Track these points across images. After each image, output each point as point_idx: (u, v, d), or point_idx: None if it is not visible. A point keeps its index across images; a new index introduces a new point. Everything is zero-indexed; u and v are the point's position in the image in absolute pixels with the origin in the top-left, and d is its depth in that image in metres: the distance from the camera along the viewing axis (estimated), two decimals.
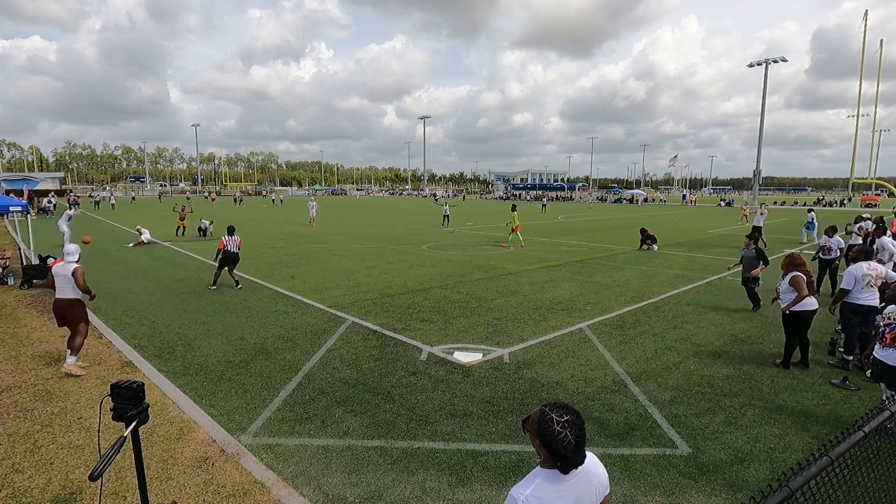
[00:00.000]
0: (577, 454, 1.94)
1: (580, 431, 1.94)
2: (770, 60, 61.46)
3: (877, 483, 2.77)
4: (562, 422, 1.94)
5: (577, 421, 1.96)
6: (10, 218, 22.86)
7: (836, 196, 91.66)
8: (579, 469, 2.00)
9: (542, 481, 1.99)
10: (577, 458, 1.96)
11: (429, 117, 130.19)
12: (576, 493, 2.01)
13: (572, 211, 51.00)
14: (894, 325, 5.06)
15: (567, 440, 1.91)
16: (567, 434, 1.92)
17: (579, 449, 1.94)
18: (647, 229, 19.92)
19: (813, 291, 6.91)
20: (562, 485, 1.98)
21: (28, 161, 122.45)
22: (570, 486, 2.00)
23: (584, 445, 1.96)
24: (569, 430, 1.92)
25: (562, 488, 1.98)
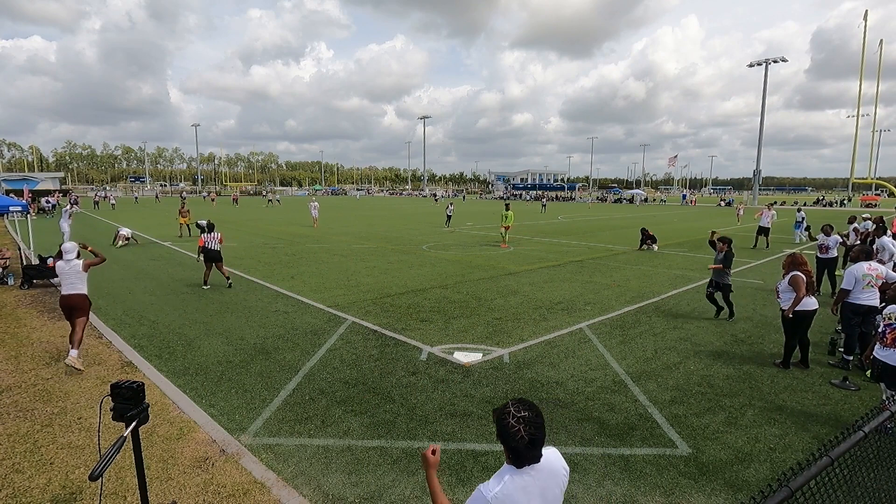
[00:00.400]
0: (530, 451, 2.00)
1: (536, 429, 1.99)
2: (770, 60, 61.49)
3: (877, 483, 2.77)
4: (518, 417, 2.01)
5: (536, 420, 2.01)
6: (10, 218, 22.85)
7: (836, 196, 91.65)
8: (540, 466, 2.07)
9: (510, 477, 2.05)
10: (529, 455, 2.02)
11: (429, 117, 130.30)
12: (540, 488, 2.08)
13: (572, 211, 51.01)
14: (895, 325, 5.06)
15: (520, 435, 1.98)
16: (521, 429, 1.98)
17: (532, 446, 1.99)
18: (647, 229, 19.93)
19: (813, 291, 6.91)
20: (527, 480, 2.05)
21: (28, 161, 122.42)
22: (535, 481, 2.07)
23: (539, 444, 2.01)
24: (523, 425, 1.98)
25: (527, 483, 2.05)
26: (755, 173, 65.94)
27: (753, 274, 14.41)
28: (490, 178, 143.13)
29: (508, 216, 20.46)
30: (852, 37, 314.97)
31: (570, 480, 4.39)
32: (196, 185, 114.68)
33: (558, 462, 2.19)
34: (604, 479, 4.34)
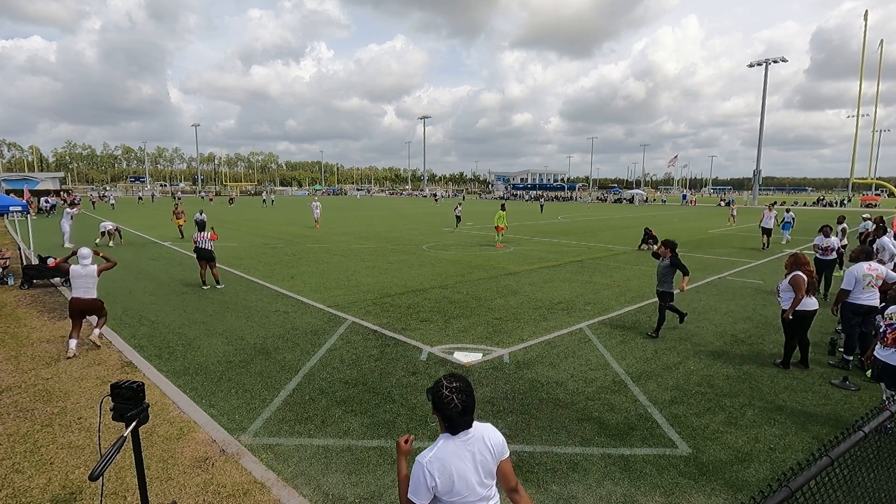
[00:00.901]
0: (462, 417, 2.29)
1: (467, 398, 2.28)
2: (770, 60, 61.46)
3: (877, 483, 2.77)
4: (451, 387, 2.28)
5: (466, 389, 2.30)
6: (10, 218, 22.85)
7: (836, 196, 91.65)
8: (471, 432, 2.35)
9: (443, 444, 2.32)
10: (462, 421, 2.30)
11: (429, 117, 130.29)
12: (472, 452, 2.34)
13: (572, 211, 51.01)
14: (895, 325, 5.06)
15: (454, 403, 2.25)
16: (454, 398, 2.25)
17: (465, 413, 2.28)
18: (651, 230, 19.91)
19: (814, 292, 6.90)
20: (460, 445, 2.32)
21: (28, 161, 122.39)
22: (467, 446, 2.33)
23: (470, 410, 2.30)
24: (455, 394, 2.26)
25: (459, 447, 2.31)
26: (755, 173, 65.94)
27: (753, 274, 14.41)
28: (490, 178, 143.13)
29: (501, 216, 20.54)
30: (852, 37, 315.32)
31: (570, 481, 4.40)
32: (196, 185, 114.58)
33: (494, 435, 2.43)
34: (604, 479, 4.34)
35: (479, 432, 2.39)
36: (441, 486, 2.25)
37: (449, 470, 2.26)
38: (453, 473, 2.27)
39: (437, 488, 2.25)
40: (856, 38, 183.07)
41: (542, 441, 4.98)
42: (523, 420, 5.42)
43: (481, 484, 2.35)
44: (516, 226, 30.44)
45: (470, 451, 2.33)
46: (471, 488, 2.31)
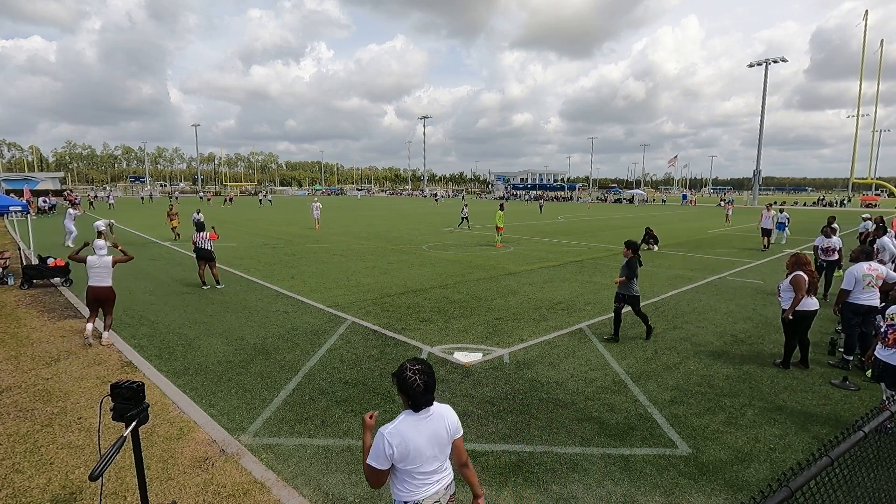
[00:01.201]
0: (424, 396, 2.54)
1: (428, 378, 2.54)
2: (770, 60, 61.46)
3: (877, 483, 2.77)
4: (413, 369, 2.54)
5: (427, 370, 2.56)
6: (10, 218, 22.85)
7: (836, 196, 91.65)
8: (431, 411, 2.60)
9: (404, 419, 2.57)
10: (424, 400, 2.55)
11: (429, 117, 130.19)
12: (431, 429, 2.59)
13: (572, 211, 51.01)
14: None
15: (416, 383, 2.51)
16: (416, 378, 2.52)
17: (426, 392, 2.53)
18: (652, 230, 19.91)
19: (814, 292, 6.90)
20: (419, 421, 2.57)
21: (28, 161, 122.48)
22: (426, 423, 2.58)
23: (431, 389, 2.56)
24: (418, 375, 2.52)
25: (419, 424, 2.56)
26: (755, 173, 65.94)
27: (753, 274, 14.41)
28: (490, 178, 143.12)
29: (500, 216, 20.57)
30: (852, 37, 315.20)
31: (570, 481, 4.40)
32: (196, 184, 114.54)
33: (451, 416, 2.71)
34: (604, 479, 4.34)
35: (439, 412, 2.66)
36: (398, 454, 2.51)
37: (406, 441, 2.51)
38: (409, 445, 2.52)
39: (394, 456, 2.51)
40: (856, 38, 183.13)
41: (542, 441, 4.98)
42: (523, 420, 5.42)
43: (434, 457, 2.61)
44: (516, 226, 30.44)
45: (428, 427, 2.59)
46: (424, 459, 2.57)
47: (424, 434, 2.56)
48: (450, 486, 2.74)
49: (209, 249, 11.84)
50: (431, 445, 2.58)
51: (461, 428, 2.75)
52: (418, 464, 2.56)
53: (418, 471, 2.57)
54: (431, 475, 2.62)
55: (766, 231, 20.18)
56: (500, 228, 20.54)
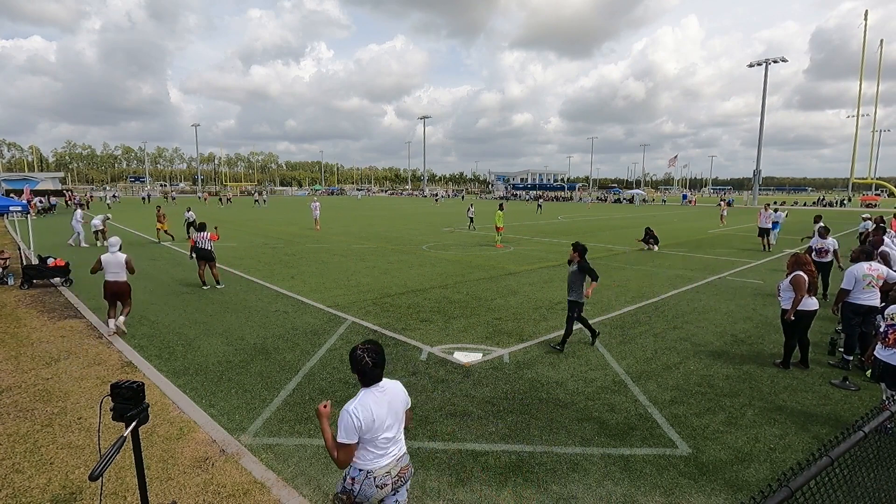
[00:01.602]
0: (372, 372, 2.88)
1: (376, 356, 2.88)
2: (770, 60, 61.43)
3: (877, 483, 2.77)
4: (364, 349, 2.89)
5: (376, 349, 2.91)
6: (10, 218, 22.86)
7: (836, 196, 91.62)
8: (385, 385, 2.97)
9: (364, 394, 2.91)
10: (373, 375, 2.90)
11: (429, 117, 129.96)
12: (388, 401, 2.95)
13: (571, 211, 51.01)
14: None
15: (364, 361, 2.86)
16: (365, 356, 2.86)
17: (375, 368, 2.87)
18: (652, 230, 19.92)
19: (814, 292, 6.89)
20: (376, 394, 2.91)
21: (28, 161, 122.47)
22: (383, 396, 2.94)
23: (379, 366, 2.90)
24: (366, 354, 2.87)
25: (377, 397, 2.91)
26: (755, 173, 65.92)
27: (753, 274, 14.41)
28: (490, 178, 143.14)
29: (499, 216, 20.58)
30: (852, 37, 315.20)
31: (570, 481, 4.40)
32: (196, 184, 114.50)
33: (402, 389, 3.10)
34: (604, 479, 4.34)
35: (393, 387, 3.04)
36: (364, 425, 2.82)
37: (369, 413, 2.84)
38: (373, 415, 2.85)
39: (362, 427, 2.82)
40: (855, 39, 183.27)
41: (542, 441, 4.98)
42: (523, 420, 5.42)
43: (391, 426, 2.97)
44: (516, 226, 30.45)
45: (386, 399, 2.95)
46: (386, 427, 2.92)
47: (384, 405, 2.92)
48: (402, 457, 3.07)
49: (209, 249, 11.84)
50: (390, 414, 2.95)
51: (409, 399, 3.17)
52: (381, 432, 2.89)
53: (380, 438, 2.89)
54: (389, 443, 2.95)
55: (764, 231, 20.07)
56: (499, 228, 20.56)
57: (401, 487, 3.06)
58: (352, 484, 2.91)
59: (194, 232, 12.19)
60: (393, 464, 2.97)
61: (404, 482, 3.07)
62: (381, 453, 2.92)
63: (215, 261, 12.06)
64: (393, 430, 2.96)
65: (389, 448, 2.95)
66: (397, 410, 3.00)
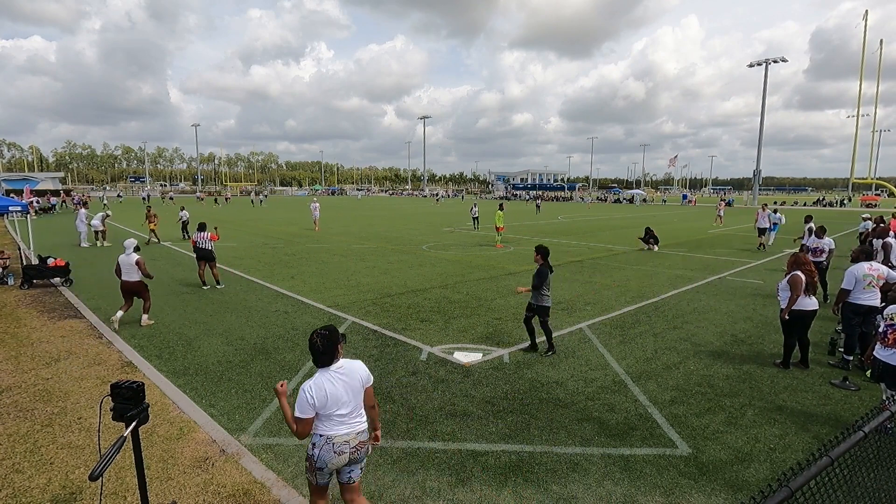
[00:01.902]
0: (322, 356, 3.16)
1: (326, 341, 3.15)
2: (770, 60, 61.43)
3: (877, 483, 2.77)
4: (317, 333, 3.18)
5: (328, 336, 3.17)
6: (10, 218, 22.86)
7: (835, 196, 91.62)
8: (343, 365, 3.24)
9: (319, 374, 3.20)
10: (322, 359, 3.17)
11: (429, 117, 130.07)
12: (344, 380, 3.21)
13: (571, 211, 51.00)
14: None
15: (316, 344, 3.15)
16: (317, 340, 3.15)
17: (324, 351, 3.15)
18: (652, 230, 19.92)
19: (813, 292, 6.89)
20: (332, 374, 3.19)
21: (28, 161, 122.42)
22: (339, 375, 3.20)
23: (328, 352, 3.16)
24: (318, 339, 3.14)
25: (332, 377, 3.18)
26: (755, 173, 65.92)
27: (753, 274, 14.41)
28: (490, 178, 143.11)
29: (499, 216, 20.60)
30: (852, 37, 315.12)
31: (570, 481, 4.40)
32: (196, 184, 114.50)
33: (363, 370, 3.34)
34: (604, 479, 4.34)
35: (351, 366, 3.29)
36: (318, 402, 3.11)
37: (323, 392, 3.12)
38: (326, 394, 3.12)
39: (315, 405, 3.11)
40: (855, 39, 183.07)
41: (542, 441, 4.98)
42: (523, 420, 5.42)
43: (348, 402, 3.21)
44: (516, 226, 30.45)
45: (342, 378, 3.20)
46: (341, 404, 3.18)
47: (339, 384, 3.18)
48: (361, 432, 3.31)
49: (209, 249, 11.83)
50: (346, 392, 3.20)
51: (371, 378, 3.40)
52: (336, 408, 3.17)
53: (336, 413, 3.18)
54: (346, 417, 3.22)
55: (762, 231, 20.05)
56: (500, 228, 20.57)
57: (357, 462, 3.31)
58: (312, 449, 3.21)
59: (195, 232, 12.18)
60: (352, 434, 3.24)
61: (360, 457, 3.30)
62: (340, 423, 3.20)
63: (215, 261, 12.06)
64: (349, 407, 3.22)
65: (346, 420, 3.22)
66: (355, 389, 3.25)
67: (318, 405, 3.11)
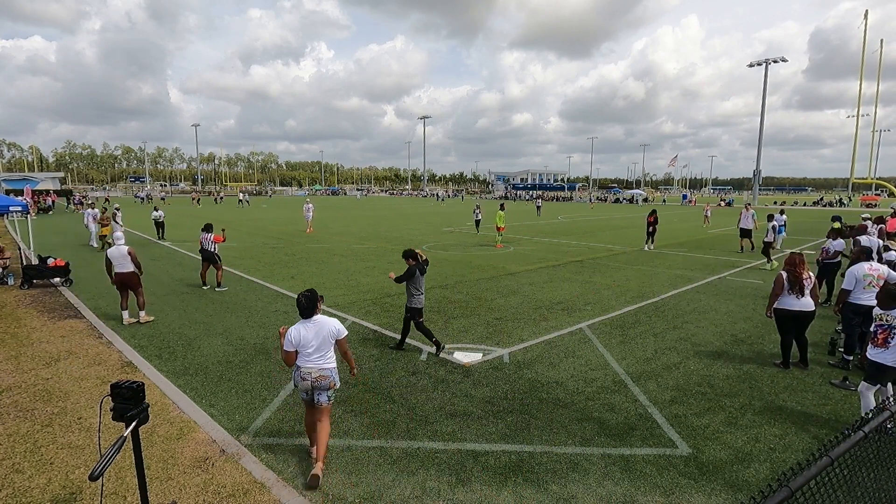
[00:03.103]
0: (305, 310, 4.41)
1: (307, 300, 4.42)
2: (770, 60, 61.43)
3: (877, 483, 2.77)
4: (302, 294, 4.44)
5: (309, 295, 4.45)
6: (10, 218, 22.87)
7: (835, 196, 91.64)
8: (317, 319, 4.47)
9: (299, 324, 4.45)
10: (305, 313, 4.42)
11: (429, 117, 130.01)
12: (315, 330, 4.43)
13: (572, 211, 51.00)
14: (886, 325, 5.07)
15: (300, 301, 4.41)
16: (301, 299, 4.41)
17: (306, 306, 4.41)
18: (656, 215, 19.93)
19: (800, 292, 6.78)
20: (306, 324, 4.44)
21: (28, 161, 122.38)
22: (312, 325, 4.43)
23: (308, 307, 4.42)
24: (302, 298, 4.41)
25: (307, 326, 4.43)
26: (755, 173, 65.90)
27: (753, 274, 14.41)
28: (490, 178, 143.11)
29: (500, 216, 20.60)
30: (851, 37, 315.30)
31: (570, 481, 4.40)
32: (196, 184, 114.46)
33: (335, 325, 4.51)
34: (604, 479, 4.34)
35: (324, 321, 4.49)
36: (294, 341, 4.38)
37: (298, 335, 4.39)
38: (300, 337, 4.38)
39: (292, 342, 4.38)
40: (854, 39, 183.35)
41: (542, 441, 4.98)
42: (523, 420, 5.42)
43: (316, 346, 4.41)
44: (516, 226, 30.44)
45: (314, 328, 4.43)
46: (310, 346, 4.40)
47: (311, 331, 4.41)
48: (325, 368, 4.43)
49: (210, 251, 11.77)
50: (315, 338, 4.41)
51: (343, 332, 4.54)
52: (306, 348, 4.40)
53: (305, 351, 4.40)
54: (311, 355, 4.41)
55: (744, 232, 18.91)
56: (500, 228, 20.56)
57: (322, 389, 4.44)
58: (292, 375, 4.54)
59: (201, 232, 12.12)
60: (314, 369, 4.41)
61: (322, 387, 4.43)
62: (308, 359, 4.41)
63: (219, 263, 11.95)
64: (313, 348, 4.40)
65: (313, 357, 4.41)
66: (324, 337, 4.42)
67: (293, 343, 4.36)
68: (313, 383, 4.40)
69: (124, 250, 8.87)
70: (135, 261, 8.92)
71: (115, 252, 8.84)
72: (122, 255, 8.85)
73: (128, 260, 8.86)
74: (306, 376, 4.40)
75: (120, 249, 8.85)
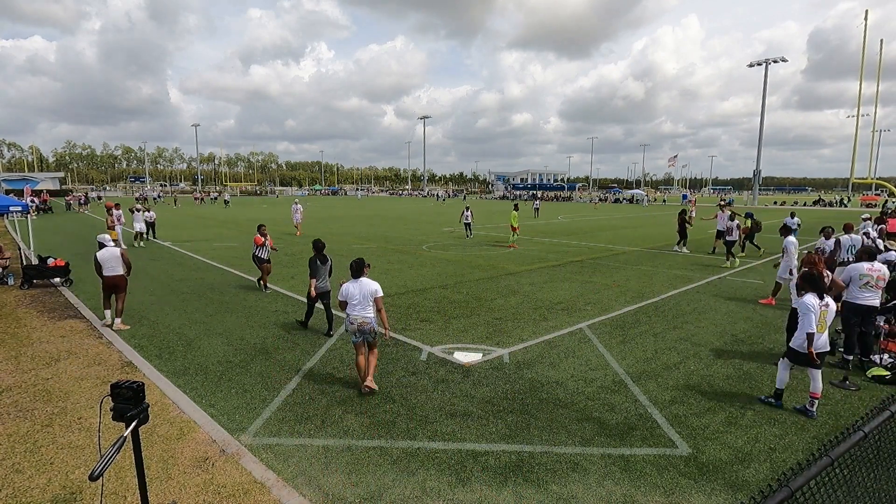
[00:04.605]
0: (354, 272, 6.05)
1: (357, 265, 6.06)
2: (770, 60, 61.44)
3: (877, 483, 2.77)
4: (354, 261, 6.09)
5: (357, 263, 6.08)
6: (10, 218, 22.86)
7: (834, 196, 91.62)
8: (362, 280, 5.98)
9: (349, 281, 6.06)
10: (354, 274, 6.04)
11: (428, 117, 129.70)
12: (359, 287, 5.94)
13: (572, 211, 51.00)
14: None
15: (352, 265, 6.07)
16: (353, 263, 6.07)
17: (356, 269, 6.05)
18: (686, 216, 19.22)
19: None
20: (354, 283, 5.99)
21: (28, 161, 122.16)
22: (358, 284, 5.96)
23: (357, 270, 6.05)
24: (353, 262, 6.11)
25: (354, 284, 5.99)
26: (755, 173, 65.91)
27: (753, 274, 14.41)
28: (490, 178, 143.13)
29: (514, 216, 20.56)
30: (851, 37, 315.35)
31: (570, 481, 4.40)
32: (196, 184, 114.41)
33: (371, 285, 5.94)
34: (604, 479, 4.34)
35: (367, 282, 5.96)
36: (344, 294, 5.93)
37: (347, 290, 5.93)
38: (348, 291, 5.93)
39: (343, 294, 5.92)
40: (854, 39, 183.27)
41: (542, 441, 4.98)
42: (523, 420, 5.42)
43: (358, 300, 5.90)
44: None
45: (359, 286, 5.93)
46: (353, 298, 5.92)
47: (356, 289, 5.91)
48: (366, 317, 5.88)
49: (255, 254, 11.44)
50: (359, 293, 5.90)
51: (380, 292, 5.96)
52: (352, 300, 5.91)
53: (351, 303, 5.90)
54: (356, 307, 5.89)
55: (720, 233, 17.44)
56: (515, 228, 20.46)
57: (365, 333, 5.90)
58: (345, 321, 6.05)
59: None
60: (358, 317, 5.88)
61: (365, 331, 5.89)
62: (354, 308, 5.91)
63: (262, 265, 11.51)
64: (357, 301, 5.89)
65: (357, 308, 5.89)
66: (365, 294, 5.88)
67: (344, 294, 5.93)
68: (359, 327, 5.85)
69: (117, 252, 8.71)
70: (126, 263, 8.73)
71: (107, 254, 8.60)
72: (116, 257, 8.65)
73: (120, 262, 8.65)
74: (353, 321, 5.86)
75: (114, 251, 8.70)
